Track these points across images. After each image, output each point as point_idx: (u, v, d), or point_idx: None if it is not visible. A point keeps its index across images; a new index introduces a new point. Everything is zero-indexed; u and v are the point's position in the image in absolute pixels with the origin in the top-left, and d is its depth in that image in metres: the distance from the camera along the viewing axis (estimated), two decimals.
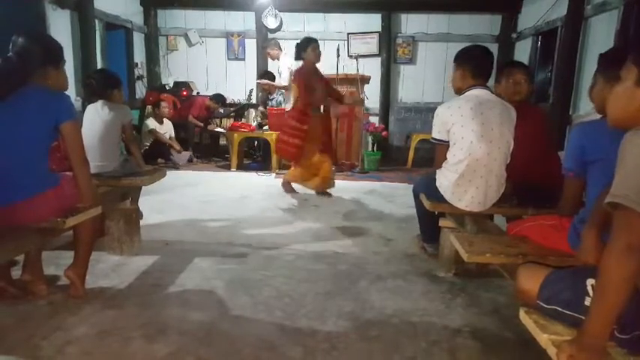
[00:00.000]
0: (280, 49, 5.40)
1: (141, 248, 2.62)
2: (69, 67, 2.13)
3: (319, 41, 4.01)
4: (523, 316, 1.20)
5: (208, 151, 6.21)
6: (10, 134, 1.74)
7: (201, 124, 6.04)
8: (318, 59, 3.95)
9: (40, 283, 2.02)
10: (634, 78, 1.04)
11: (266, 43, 5.71)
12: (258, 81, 5.83)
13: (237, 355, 1.64)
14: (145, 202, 3.12)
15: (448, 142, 2.27)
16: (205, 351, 1.65)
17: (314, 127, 3.95)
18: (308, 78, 3.92)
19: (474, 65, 2.29)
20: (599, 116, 1.59)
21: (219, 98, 6.15)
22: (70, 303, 1.97)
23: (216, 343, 1.71)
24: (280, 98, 5.72)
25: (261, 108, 6.02)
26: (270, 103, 5.78)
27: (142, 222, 2.77)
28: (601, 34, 4.23)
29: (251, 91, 6.46)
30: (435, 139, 2.33)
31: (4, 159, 1.74)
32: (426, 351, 1.70)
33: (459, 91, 2.34)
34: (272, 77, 5.77)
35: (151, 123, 5.47)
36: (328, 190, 4.17)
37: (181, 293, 2.13)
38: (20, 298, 1.97)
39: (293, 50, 4.12)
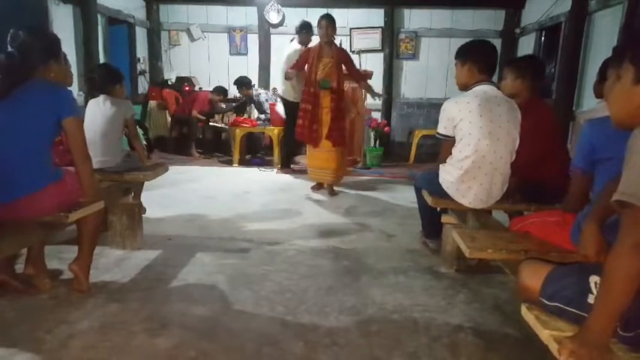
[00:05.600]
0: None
1: (143, 243, 2.62)
2: (71, 62, 2.13)
3: (319, 28, 3.98)
4: (525, 312, 1.20)
5: (211, 146, 6.21)
6: (12, 129, 1.74)
7: (204, 119, 6.02)
8: (305, 41, 4.07)
9: (43, 277, 2.03)
10: (631, 76, 1.03)
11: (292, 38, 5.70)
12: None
13: (238, 349, 1.65)
14: (147, 197, 3.12)
15: (454, 137, 2.25)
16: (207, 345, 1.66)
17: (315, 105, 3.92)
18: (305, 54, 4.07)
19: (480, 60, 2.25)
20: (604, 111, 1.57)
21: (221, 90, 6.12)
22: (73, 297, 1.99)
23: (218, 337, 1.72)
24: (266, 96, 5.73)
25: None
26: (259, 99, 5.74)
27: (144, 217, 2.78)
28: (605, 29, 4.19)
29: (253, 86, 6.44)
30: (441, 135, 2.31)
31: (7, 154, 1.74)
32: (427, 347, 1.70)
33: (465, 88, 2.31)
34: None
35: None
36: (335, 187, 4.13)
37: (184, 288, 2.13)
38: (23, 292, 1.98)
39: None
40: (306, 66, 4.03)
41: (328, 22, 3.88)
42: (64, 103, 1.84)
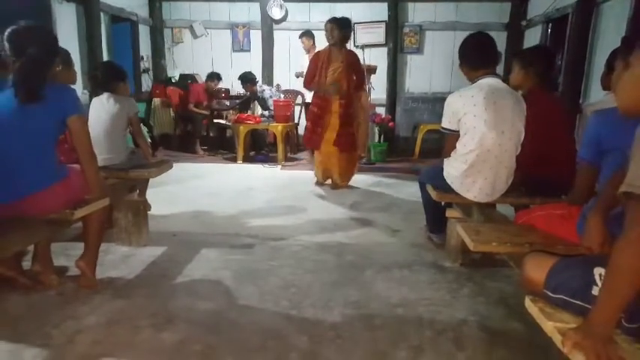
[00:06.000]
0: (314, 42, 5.33)
1: (149, 239, 2.64)
2: (75, 61, 2.15)
3: (325, 31, 3.95)
4: (529, 305, 1.19)
5: (215, 143, 6.22)
6: (18, 128, 1.75)
7: (206, 113, 6.01)
8: (329, 41, 3.90)
9: (50, 273, 2.05)
10: None
11: (301, 33, 5.67)
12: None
13: (244, 343, 1.66)
14: (152, 194, 3.14)
15: (458, 131, 2.24)
16: (213, 339, 1.67)
17: (324, 111, 3.92)
18: (314, 60, 4.01)
19: (473, 54, 2.26)
20: (611, 103, 1.55)
21: (215, 76, 6.01)
22: (80, 293, 2.01)
23: (224, 332, 1.73)
24: (270, 92, 5.72)
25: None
26: (263, 95, 5.74)
27: (149, 213, 2.79)
28: (613, 20, 4.13)
29: (257, 82, 6.44)
30: (445, 129, 2.30)
31: (13, 153, 1.76)
32: (431, 340, 1.70)
33: (472, 82, 2.30)
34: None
35: None
36: (342, 184, 4.17)
37: (189, 283, 2.15)
38: (31, 288, 2.00)
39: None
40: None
41: (332, 24, 3.84)
42: (67, 101, 1.85)
